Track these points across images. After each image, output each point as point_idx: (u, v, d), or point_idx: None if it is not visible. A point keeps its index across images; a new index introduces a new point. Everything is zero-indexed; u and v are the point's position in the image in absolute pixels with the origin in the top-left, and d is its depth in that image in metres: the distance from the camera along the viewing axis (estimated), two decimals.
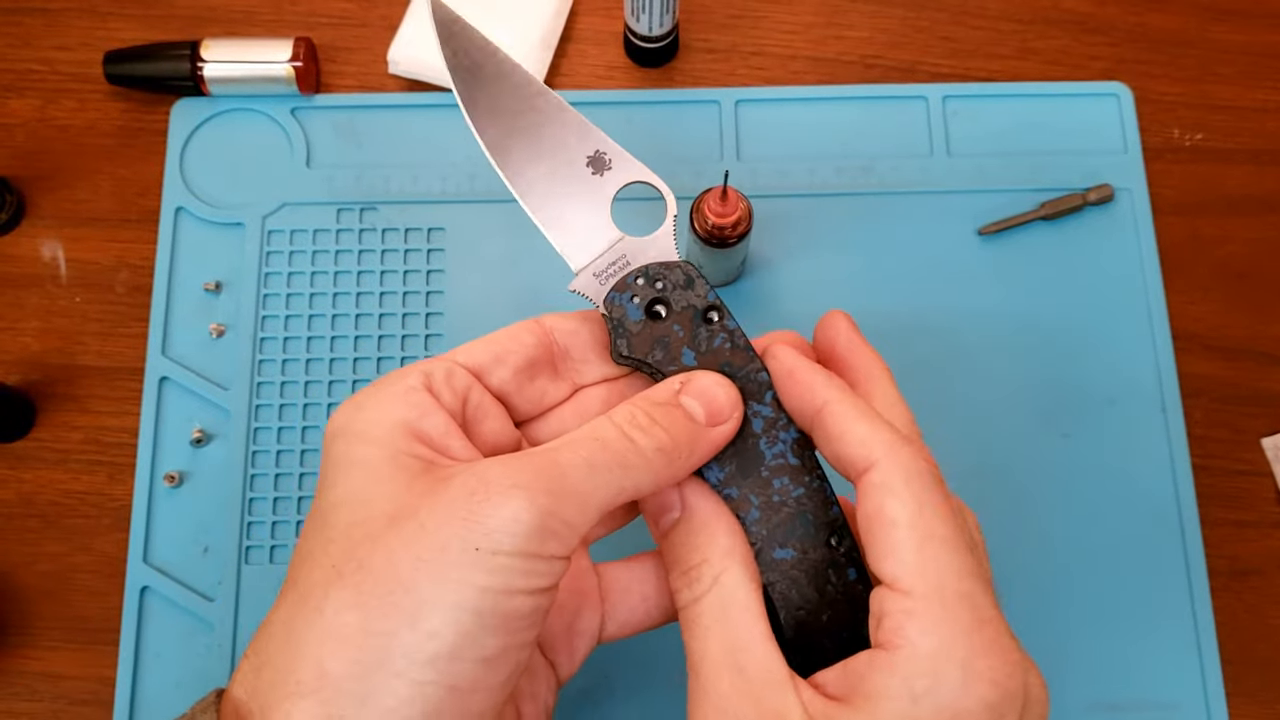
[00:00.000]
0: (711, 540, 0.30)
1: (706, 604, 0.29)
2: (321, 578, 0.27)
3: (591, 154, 0.34)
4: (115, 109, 0.56)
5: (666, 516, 0.31)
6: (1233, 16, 0.57)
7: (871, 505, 0.28)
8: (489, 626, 0.26)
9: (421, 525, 0.27)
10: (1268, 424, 0.51)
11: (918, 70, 0.57)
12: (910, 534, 0.28)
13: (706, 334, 0.32)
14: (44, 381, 0.52)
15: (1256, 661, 0.48)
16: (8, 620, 0.48)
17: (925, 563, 0.27)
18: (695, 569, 0.30)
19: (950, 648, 0.26)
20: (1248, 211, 0.54)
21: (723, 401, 0.31)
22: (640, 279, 0.32)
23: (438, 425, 0.30)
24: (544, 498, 0.27)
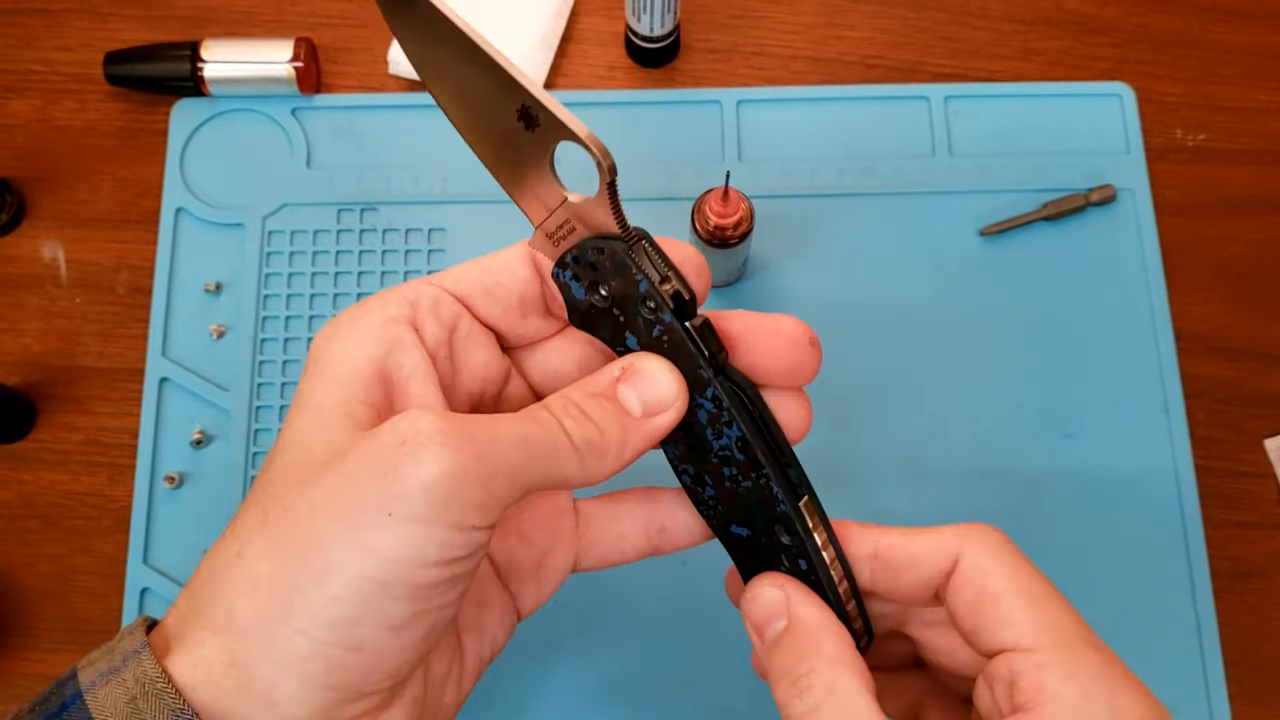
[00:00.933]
0: (819, 649, 0.29)
1: (824, 715, 0.28)
2: (250, 520, 0.27)
3: (519, 108, 0.30)
4: (116, 109, 0.56)
5: (773, 626, 0.30)
6: (1235, 17, 0.57)
7: (972, 591, 0.29)
8: (396, 596, 0.26)
9: (346, 476, 0.26)
10: (1270, 425, 0.51)
11: (919, 70, 0.56)
12: (1018, 599, 0.28)
13: (644, 323, 0.30)
14: (44, 382, 0.52)
15: (1259, 663, 0.48)
16: (8, 621, 0.48)
17: (1039, 618, 0.28)
18: (804, 678, 0.29)
19: (1093, 691, 0.26)
20: (1250, 212, 0.54)
21: (663, 393, 0.30)
22: (574, 257, 0.30)
23: (405, 364, 0.29)
24: (470, 462, 0.26)
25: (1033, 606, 0.28)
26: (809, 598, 0.30)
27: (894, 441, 0.50)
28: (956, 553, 0.29)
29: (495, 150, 0.32)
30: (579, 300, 0.31)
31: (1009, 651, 0.28)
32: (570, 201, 0.31)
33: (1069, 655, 0.27)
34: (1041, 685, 0.27)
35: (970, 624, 0.29)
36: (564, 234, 0.31)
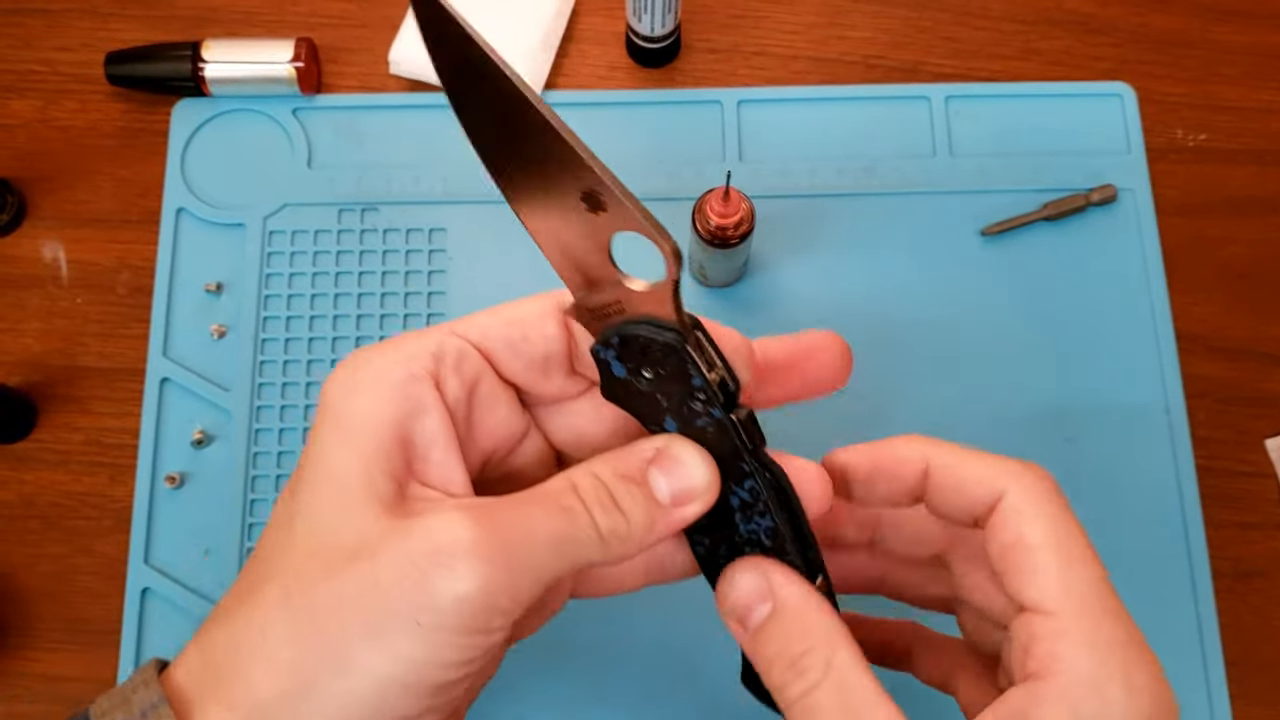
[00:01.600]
0: (811, 628, 0.29)
1: (824, 692, 0.27)
2: (273, 596, 0.27)
3: (586, 191, 0.29)
4: (116, 110, 0.56)
5: (756, 613, 0.29)
6: (1236, 17, 0.57)
7: (1009, 535, 0.28)
8: (413, 693, 0.26)
9: (376, 581, 0.26)
10: (1271, 425, 0.51)
11: (920, 70, 0.56)
12: (1053, 556, 0.27)
13: (689, 412, 0.29)
14: (45, 383, 0.52)
15: (1261, 663, 0.48)
16: (9, 622, 0.48)
17: (1070, 583, 0.27)
18: (802, 658, 0.28)
19: (1108, 666, 0.26)
20: (1251, 212, 0.54)
21: (695, 483, 0.29)
22: (622, 338, 0.29)
23: (427, 428, 0.28)
24: (504, 574, 0.26)
25: (1063, 566, 0.27)
26: (790, 577, 0.30)
27: None
28: (1001, 490, 0.29)
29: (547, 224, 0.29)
30: (618, 379, 0.30)
31: (1030, 612, 0.27)
32: (625, 286, 0.29)
33: (1090, 625, 0.26)
34: (1057, 654, 0.26)
35: (1001, 567, 0.28)
36: (608, 313, 0.29)
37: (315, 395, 0.51)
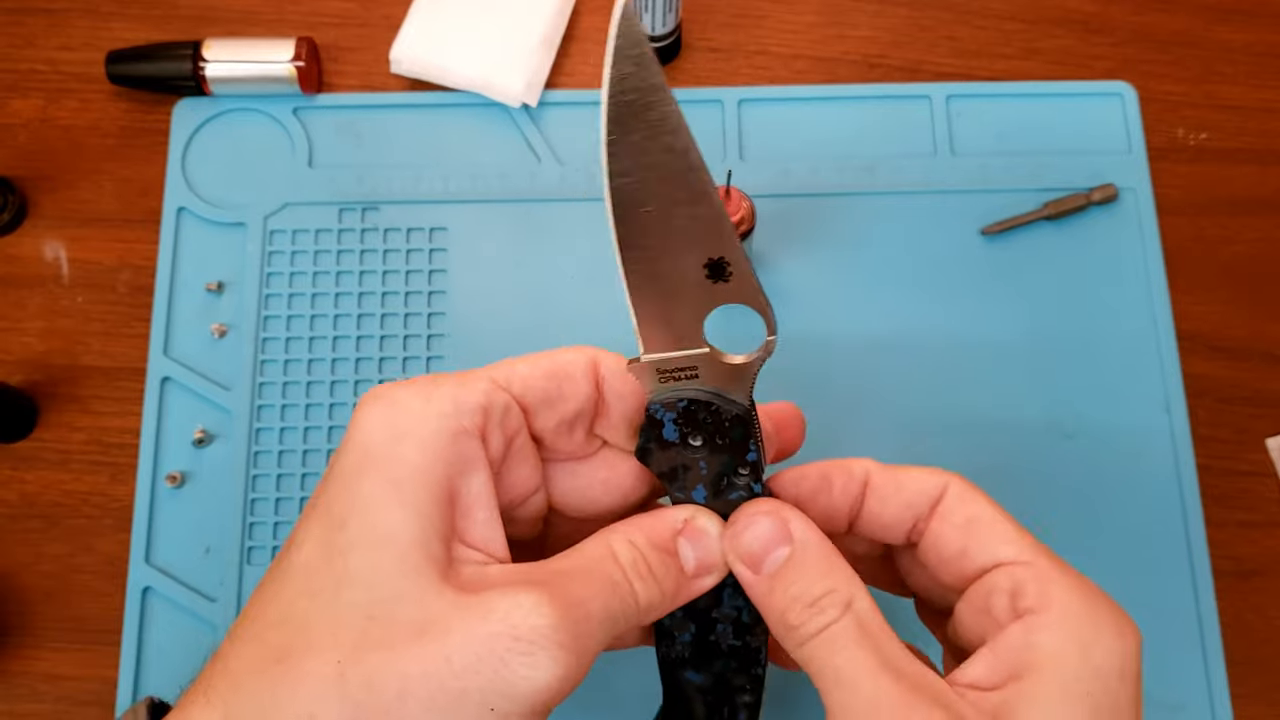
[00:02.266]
0: (835, 568, 0.29)
1: (842, 627, 0.28)
2: (322, 671, 0.25)
3: (715, 258, 0.29)
4: (117, 109, 0.56)
5: (775, 555, 0.29)
6: (1237, 16, 0.57)
7: (961, 516, 0.30)
8: None
9: (448, 659, 0.24)
10: (1272, 424, 0.51)
11: (921, 70, 0.56)
12: (1008, 523, 0.30)
13: (727, 485, 0.31)
14: (46, 382, 0.52)
15: (1261, 662, 0.48)
16: (10, 621, 0.48)
17: (1031, 542, 0.29)
18: (822, 599, 0.28)
19: (1094, 602, 0.28)
20: (1252, 211, 0.54)
21: (716, 557, 0.30)
22: (690, 406, 0.30)
23: (474, 488, 0.28)
24: (575, 659, 0.25)
25: (1022, 531, 0.29)
26: (807, 522, 0.30)
27: (894, 440, 0.50)
28: (944, 484, 0.30)
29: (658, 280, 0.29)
30: (665, 440, 0.30)
31: (1008, 565, 0.28)
32: (711, 353, 0.29)
33: (1069, 575, 0.28)
34: (1048, 592, 0.27)
35: (960, 545, 0.30)
36: (678, 375, 0.30)
37: (317, 394, 0.51)
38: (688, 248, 0.28)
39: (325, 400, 0.51)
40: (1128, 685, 0.27)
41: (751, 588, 0.30)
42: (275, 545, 0.49)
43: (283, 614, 0.26)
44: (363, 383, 0.51)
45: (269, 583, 0.27)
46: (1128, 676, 0.27)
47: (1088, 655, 0.27)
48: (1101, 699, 0.26)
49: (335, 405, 0.51)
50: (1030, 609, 0.27)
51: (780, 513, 0.30)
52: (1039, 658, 0.27)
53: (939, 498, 0.30)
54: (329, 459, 0.29)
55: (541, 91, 0.55)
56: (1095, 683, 0.26)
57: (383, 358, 0.51)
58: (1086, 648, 0.27)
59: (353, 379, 0.51)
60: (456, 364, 0.51)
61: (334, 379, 0.51)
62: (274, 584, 0.27)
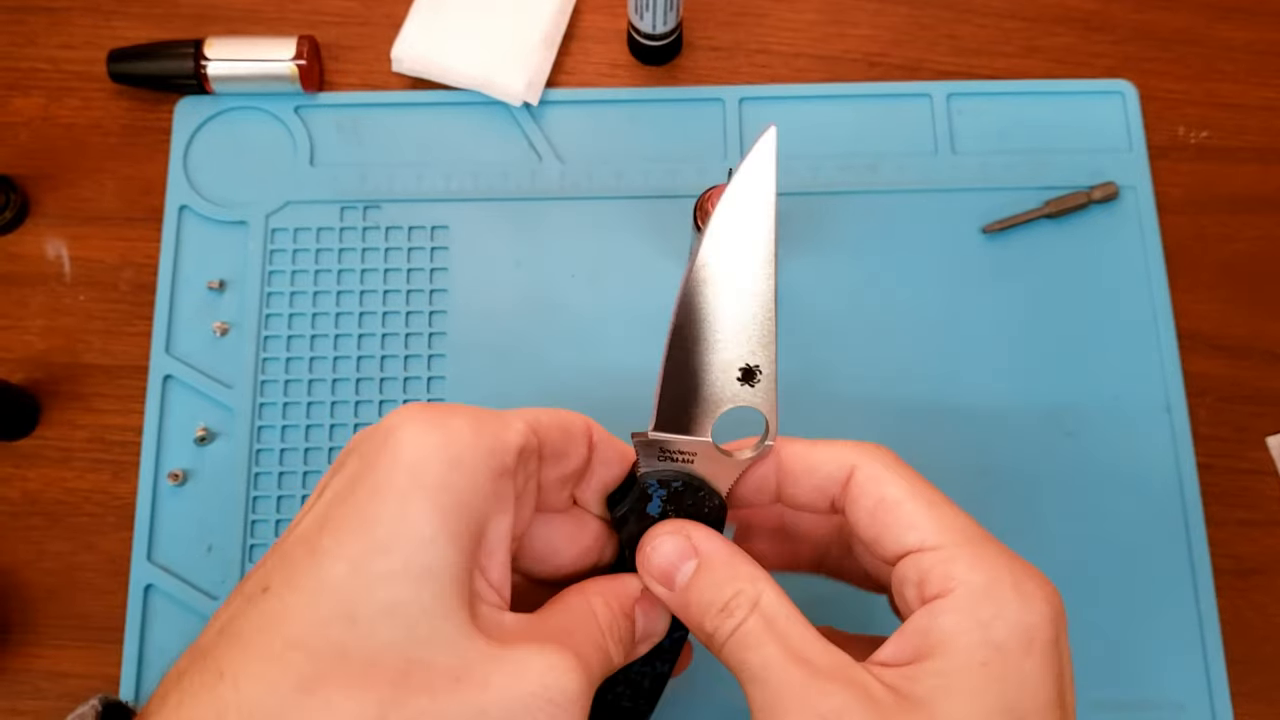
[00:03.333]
0: (737, 574, 0.30)
1: (752, 624, 0.29)
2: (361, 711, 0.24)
3: (750, 365, 0.32)
4: (119, 107, 0.56)
5: (683, 569, 0.31)
6: (1238, 14, 0.57)
7: (871, 498, 0.30)
8: None
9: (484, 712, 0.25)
10: (1273, 423, 0.51)
11: (922, 68, 0.56)
12: (917, 503, 0.30)
13: None
14: (48, 380, 0.52)
15: (1262, 661, 0.48)
16: (12, 619, 0.49)
17: (942, 519, 0.29)
18: (731, 601, 0.30)
19: (999, 576, 0.28)
20: (1253, 209, 0.54)
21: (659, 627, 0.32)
22: (680, 486, 0.32)
23: (501, 530, 0.28)
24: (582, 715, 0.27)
25: (931, 509, 0.30)
26: (709, 533, 0.31)
27: (893, 437, 0.50)
28: (852, 464, 0.31)
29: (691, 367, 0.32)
30: (646, 513, 0.32)
31: (915, 553, 0.29)
32: (716, 446, 0.32)
33: (973, 549, 0.29)
34: (951, 574, 0.28)
35: (872, 532, 0.30)
36: (675, 457, 0.32)
37: (318, 392, 0.51)
38: (731, 347, 0.32)
39: (327, 398, 0.51)
40: (1035, 657, 0.27)
41: (669, 602, 0.31)
42: None
43: (308, 635, 0.25)
44: (364, 381, 0.51)
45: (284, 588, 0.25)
46: (1036, 648, 0.27)
47: (987, 631, 0.27)
48: (1002, 672, 0.27)
49: (337, 403, 0.51)
50: (933, 595, 0.28)
51: (683, 530, 0.31)
52: (939, 639, 0.28)
53: (846, 480, 0.31)
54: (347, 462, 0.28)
55: (543, 90, 0.55)
56: (995, 656, 0.27)
57: (384, 356, 0.51)
58: (986, 625, 0.27)
59: (354, 377, 0.51)
60: (457, 363, 0.51)
61: (336, 377, 0.51)
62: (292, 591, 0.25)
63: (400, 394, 0.51)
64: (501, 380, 0.51)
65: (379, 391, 0.51)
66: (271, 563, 0.26)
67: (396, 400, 0.51)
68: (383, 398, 0.51)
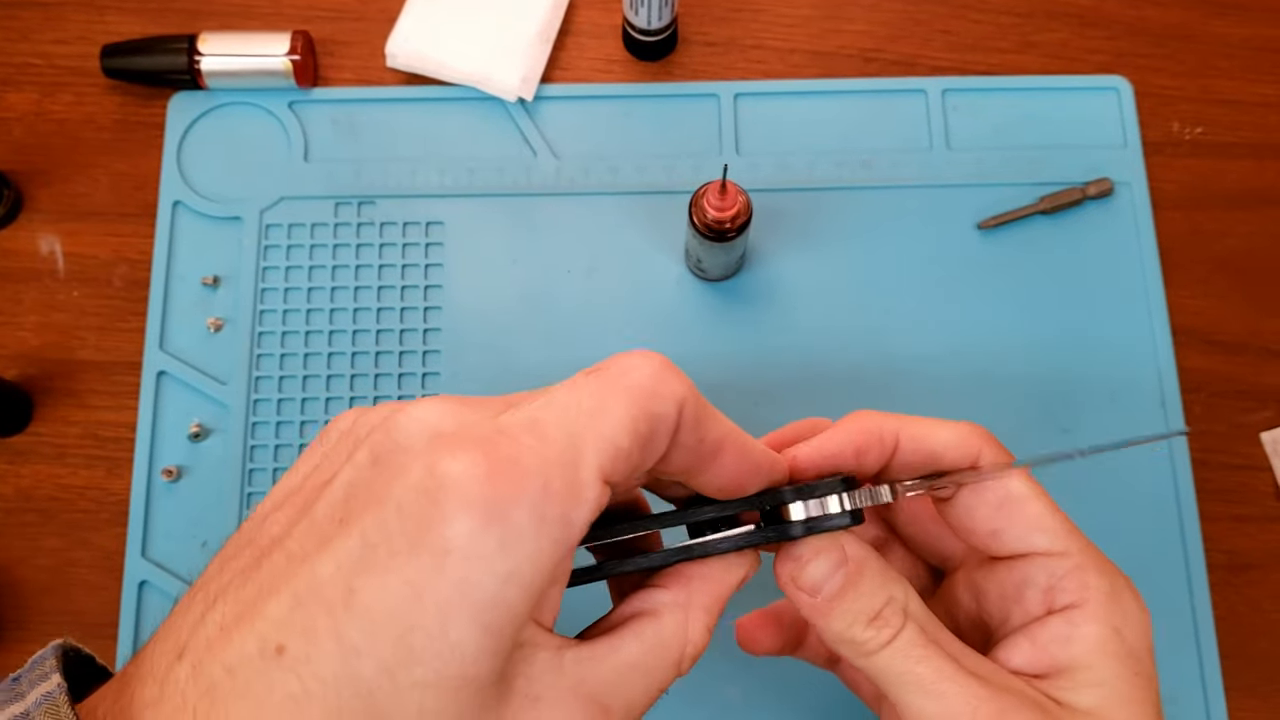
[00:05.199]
0: (889, 579, 0.29)
1: (908, 635, 0.28)
2: None
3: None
4: (112, 103, 0.56)
5: (831, 581, 0.29)
6: (1233, 10, 0.57)
7: (996, 495, 0.30)
8: None
9: None
10: (1267, 418, 0.51)
11: (917, 64, 0.56)
12: (1043, 505, 0.30)
13: None
14: (42, 376, 0.52)
15: (1255, 655, 0.48)
16: (7, 615, 0.48)
17: (1064, 523, 0.30)
18: (884, 610, 0.28)
19: (1118, 586, 0.30)
20: (1247, 206, 0.54)
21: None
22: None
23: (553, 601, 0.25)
24: None
25: (1054, 513, 0.30)
26: (854, 539, 0.29)
27: None
28: (978, 452, 0.31)
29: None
30: None
31: (1044, 556, 0.30)
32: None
33: (1096, 557, 0.30)
34: (1085, 584, 0.29)
35: (993, 525, 0.30)
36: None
37: (313, 388, 0.51)
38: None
39: (321, 394, 0.51)
40: (1151, 655, 0.29)
41: (808, 611, 0.29)
42: None
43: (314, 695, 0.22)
44: (359, 377, 0.51)
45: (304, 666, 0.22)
46: (1151, 648, 0.29)
47: (1123, 638, 0.29)
48: (1147, 677, 0.29)
49: (331, 399, 0.51)
50: (1071, 604, 0.29)
51: (837, 540, 0.29)
52: (1087, 648, 0.28)
53: (970, 468, 0.31)
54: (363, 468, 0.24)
55: (538, 86, 0.55)
56: (1134, 661, 0.28)
57: (379, 352, 0.51)
58: (1120, 631, 0.29)
59: (349, 373, 0.51)
60: (451, 358, 0.51)
61: (330, 373, 0.51)
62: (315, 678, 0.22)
63: (395, 390, 0.51)
64: (496, 375, 0.51)
65: (373, 387, 0.51)
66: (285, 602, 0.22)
67: (390, 396, 0.51)
68: (377, 393, 0.51)
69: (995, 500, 0.30)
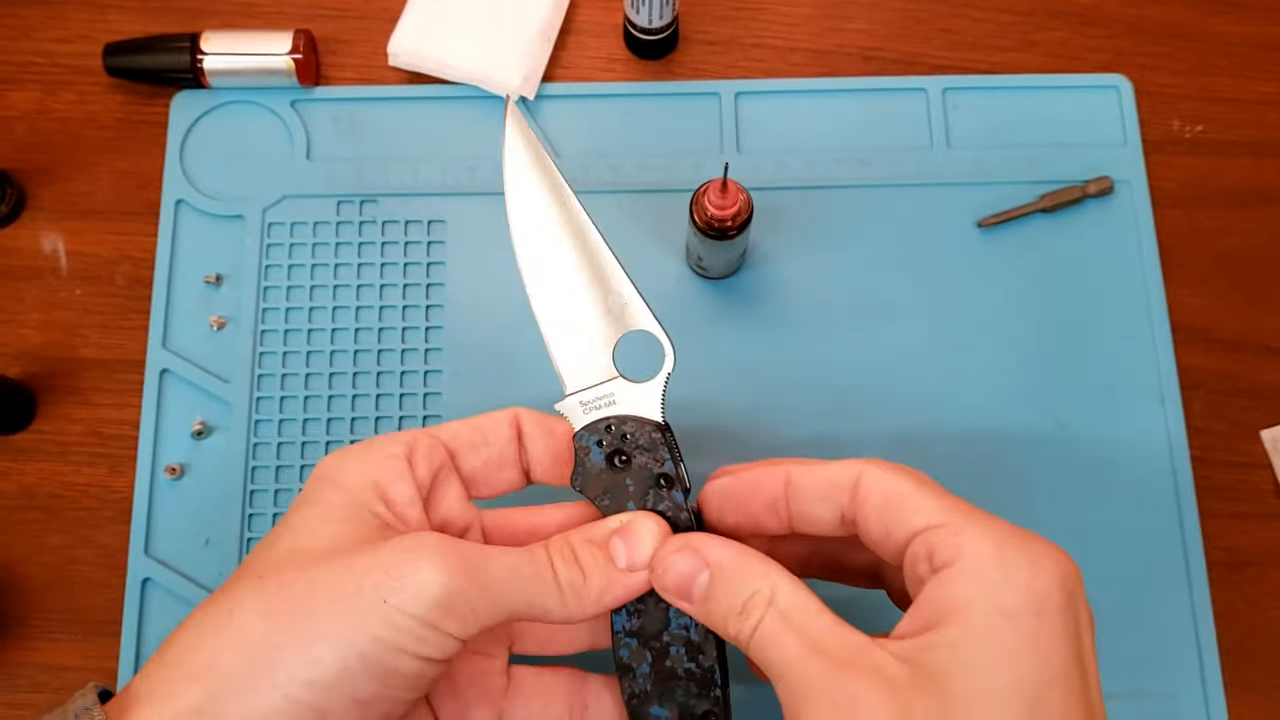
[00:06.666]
0: (750, 574, 0.32)
1: (768, 623, 0.30)
2: (243, 587, 0.30)
3: (614, 297, 0.36)
4: (115, 101, 0.56)
5: (699, 582, 0.32)
6: (1233, 9, 0.57)
7: (877, 495, 0.31)
8: (370, 673, 0.29)
9: (348, 566, 0.30)
10: (1267, 416, 0.51)
11: (918, 62, 0.56)
12: (923, 491, 0.31)
13: (654, 498, 0.34)
14: (45, 374, 0.52)
15: (1254, 652, 0.48)
16: (10, 612, 0.49)
17: (946, 503, 0.30)
18: (747, 602, 0.31)
19: (1006, 544, 0.29)
20: (1248, 204, 0.54)
21: (646, 550, 0.33)
22: (611, 427, 0.35)
23: (404, 493, 0.33)
24: (461, 577, 0.30)
25: (938, 495, 0.31)
26: (715, 540, 0.33)
27: (889, 431, 0.50)
28: (858, 472, 0.32)
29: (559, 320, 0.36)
30: (592, 464, 0.35)
31: (922, 532, 0.30)
32: (619, 381, 0.36)
33: (979, 523, 0.29)
34: (959, 545, 0.29)
35: (882, 527, 0.31)
36: (598, 405, 0.35)
37: (315, 386, 0.51)
38: (588, 293, 0.36)
39: (324, 392, 0.51)
40: (1048, 622, 0.28)
41: (694, 614, 0.33)
42: None
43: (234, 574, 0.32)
44: (361, 375, 0.51)
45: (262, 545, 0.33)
46: (1048, 613, 0.28)
47: (997, 597, 0.28)
48: (1014, 641, 0.27)
49: (334, 397, 0.51)
50: (942, 565, 0.29)
51: (691, 544, 0.33)
52: (950, 606, 0.28)
53: (854, 486, 0.32)
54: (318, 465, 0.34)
55: (539, 84, 0.55)
56: (1004, 624, 0.27)
57: (381, 350, 0.51)
58: (996, 591, 0.28)
59: (351, 371, 0.51)
60: (453, 356, 0.51)
61: (332, 371, 0.51)
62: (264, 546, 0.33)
63: (397, 388, 0.51)
64: (497, 375, 0.51)
65: (375, 386, 0.51)
66: None
67: (393, 394, 0.51)
68: (379, 391, 0.51)
69: (878, 502, 0.31)
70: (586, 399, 0.36)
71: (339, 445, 0.50)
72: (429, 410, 0.51)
